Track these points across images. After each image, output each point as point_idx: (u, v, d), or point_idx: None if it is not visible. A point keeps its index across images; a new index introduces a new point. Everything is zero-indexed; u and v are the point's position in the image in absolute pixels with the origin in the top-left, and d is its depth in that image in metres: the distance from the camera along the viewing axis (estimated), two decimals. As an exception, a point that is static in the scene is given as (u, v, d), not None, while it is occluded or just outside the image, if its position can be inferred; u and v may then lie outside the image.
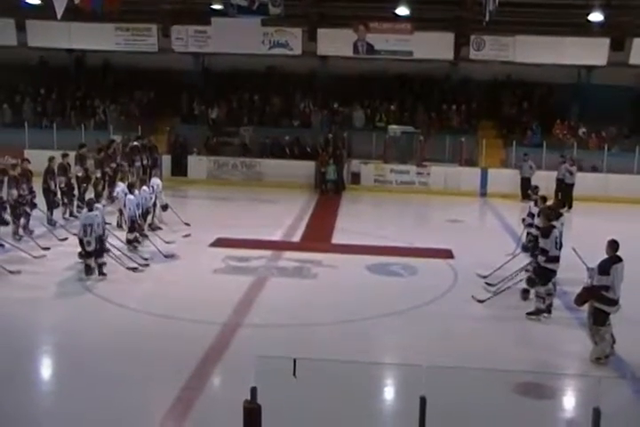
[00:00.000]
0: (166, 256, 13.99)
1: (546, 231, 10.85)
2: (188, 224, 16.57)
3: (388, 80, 27.00)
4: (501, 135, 25.23)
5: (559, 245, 10.86)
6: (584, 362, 9.23)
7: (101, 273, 12.31)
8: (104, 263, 12.40)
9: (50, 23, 23.73)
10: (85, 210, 12.60)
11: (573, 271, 10.63)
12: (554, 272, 10.91)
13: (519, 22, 23.96)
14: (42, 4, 21.50)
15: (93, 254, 12.24)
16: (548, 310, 10.93)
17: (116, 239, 13.93)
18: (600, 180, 22.52)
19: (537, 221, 12.00)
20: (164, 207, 16.53)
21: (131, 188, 14.76)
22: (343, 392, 7.78)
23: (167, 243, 14.91)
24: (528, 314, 10.89)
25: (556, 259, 10.81)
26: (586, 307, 9.46)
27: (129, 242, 14.13)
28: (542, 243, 10.81)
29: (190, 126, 26.04)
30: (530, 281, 11.33)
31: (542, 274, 10.89)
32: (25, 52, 27.02)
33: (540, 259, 10.84)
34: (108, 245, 12.97)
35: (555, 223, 11.10)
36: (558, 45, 23.92)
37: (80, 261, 12.54)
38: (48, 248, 14.13)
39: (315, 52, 25.55)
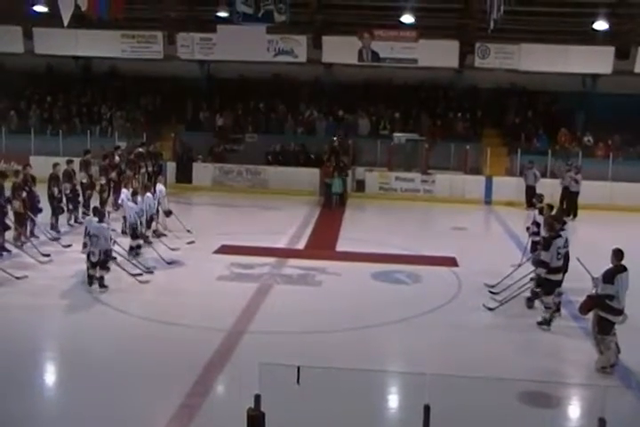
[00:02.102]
0: (169, 263, 14.01)
1: (546, 244, 10.84)
2: (189, 231, 16.55)
3: (392, 88, 27.06)
4: (506, 143, 25.22)
5: (563, 255, 10.84)
6: (589, 371, 9.20)
7: (102, 285, 12.14)
8: (102, 277, 12.19)
9: (56, 31, 23.88)
10: (95, 220, 12.37)
11: (578, 281, 10.57)
12: (557, 282, 10.88)
13: (524, 30, 24.02)
14: (49, 11, 21.62)
15: (96, 265, 12.14)
16: (553, 315, 10.93)
17: (121, 247, 13.94)
18: (605, 188, 22.47)
19: (543, 231, 11.89)
20: (168, 213, 16.51)
21: (132, 195, 14.75)
22: (347, 400, 7.75)
23: (172, 250, 14.93)
24: (539, 324, 10.85)
25: (558, 270, 10.79)
26: (590, 316, 9.44)
27: (131, 249, 14.11)
28: (543, 255, 10.80)
29: (195, 133, 26.09)
30: (533, 293, 11.32)
31: (545, 285, 10.87)
32: (32, 60, 27.21)
33: (541, 271, 10.85)
34: (113, 254, 12.91)
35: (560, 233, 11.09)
36: (563, 54, 23.96)
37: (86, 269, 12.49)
38: (48, 255, 14.15)
39: (320, 59, 25.62)
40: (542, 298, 10.95)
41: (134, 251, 14.14)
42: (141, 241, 14.53)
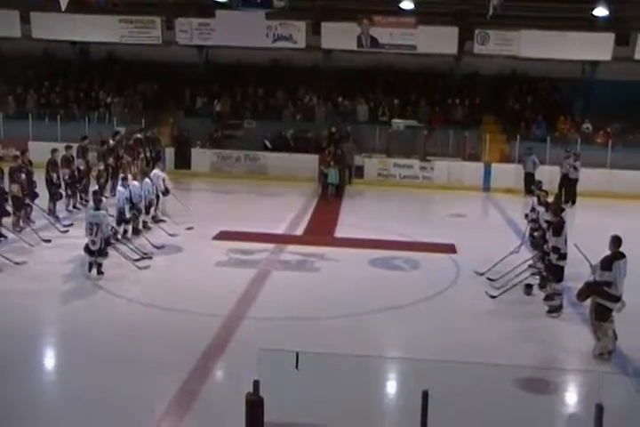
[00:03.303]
0: (157, 248, 14.01)
1: (557, 229, 10.79)
2: (188, 208, 16.61)
3: (391, 74, 26.97)
4: (505, 130, 25.17)
5: (566, 242, 10.84)
6: (587, 358, 9.23)
7: (100, 272, 12.14)
8: (101, 263, 12.18)
9: (54, 15, 23.78)
10: (92, 207, 12.38)
11: (576, 267, 10.61)
12: (563, 268, 10.91)
13: (524, 17, 23.89)
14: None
15: (96, 253, 12.12)
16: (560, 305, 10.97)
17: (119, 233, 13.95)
18: (604, 175, 22.46)
19: (546, 216, 11.83)
20: (165, 192, 16.46)
21: (123, 180, 14.69)
22: (345, 386, 7.79)
23: (171, 236, 14.95)
24: (548, 312, 10.85)
25: (566, 256, 10.79)
26: (588, 302, 9.46)
27: (115, 233, 13.69)
28: (554, 241, 10.74)
29: (193, 119, 26.01)
30: (544, 280, 11.25)
31: (555, 272, 10.86)
32: (29, 44, 27.04)
33: (553, 257, 10.78)
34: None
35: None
36: (563, 40, 23.84)
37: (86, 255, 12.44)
38: (49, 240, 14.17)
39: (319, 45, 25.48)
40: (552, 285, 10.93)
41: (120, 236, 13.92)
42: (129, 226, 14.45)
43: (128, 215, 14.28)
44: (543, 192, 12.83)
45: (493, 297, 11.50)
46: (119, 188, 14.45)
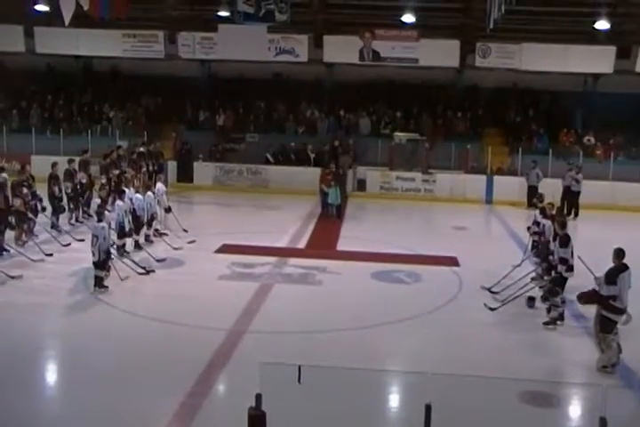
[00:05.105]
0: (158, 261, 14.02)
1: (564, 241, 10.76)
2: (185, 231, 16.49)
3: (393, 87, 27.05)
4: (507, 143, 25.21)
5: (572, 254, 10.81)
6: (590, 370, 9.18)
7: (101, 286, 12.06)
8: (101, 277, 12.13)
9: (58, 30, 23.97)
10: (94, 219, 12.42)
11: (578, 279, 10.59)
12: (567, 280, 10.88)
13: (525, 30, 24.02)
14: (50, 11, 21.62)
15: (98, 266, 12.09)
16: (561, 317, 10.92)
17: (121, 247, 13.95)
18: (606, 188, 22.45)
19: (552, 229, 11.81)
20: (167, 210, 16.50)
21: (121, 194, 14.70)
22: (348, 399, 7.75)
23: (175, 249, 14.95)
24: (545, 324, 10.83)
25: (573, 267, 10.75)
26: (592, 313, 9.42)
27: (118, 248, 13.80)
28: (562, 252, 10.69)
29: (196, 133, 26.09)
30: (552, 292, 11.15)
31: (561, 283, 10.83)
32: (33, 59, 27.22)
33: (561, 268, 10.73)
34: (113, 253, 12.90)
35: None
36: (564, 53, 23.95)
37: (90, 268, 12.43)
38: (51, 254, 14.17)
39: (321, 58, 25.62)
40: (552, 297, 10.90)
41: (121, 250, 13.93)
42: (129, 240, 14.45)
43: (127, 228, 14.29)
44: (549, 205, 12.79)
45: (493, 309, 11.47)
46: (118, 202, 14.45)
